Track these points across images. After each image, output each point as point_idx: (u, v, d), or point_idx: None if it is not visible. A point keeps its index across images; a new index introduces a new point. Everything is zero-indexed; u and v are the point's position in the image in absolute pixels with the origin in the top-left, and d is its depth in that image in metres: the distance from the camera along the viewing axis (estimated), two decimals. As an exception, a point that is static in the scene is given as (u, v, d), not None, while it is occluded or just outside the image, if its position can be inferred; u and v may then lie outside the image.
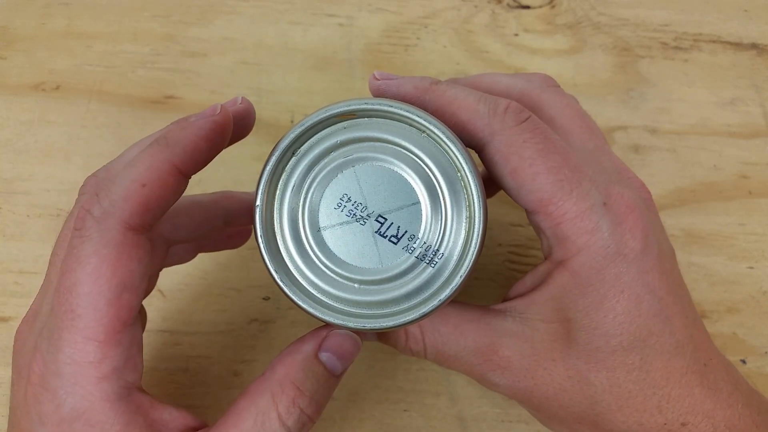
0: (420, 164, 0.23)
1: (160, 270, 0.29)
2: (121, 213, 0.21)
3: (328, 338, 0.24)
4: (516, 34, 0.46)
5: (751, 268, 0.37)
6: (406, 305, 0.22)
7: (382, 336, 0.27)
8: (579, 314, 0.24)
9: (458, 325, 0.25)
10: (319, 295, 0.23)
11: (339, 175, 0.23)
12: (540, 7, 0.47)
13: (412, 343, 0.26)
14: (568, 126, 0.27)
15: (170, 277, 0.35)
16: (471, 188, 0.22)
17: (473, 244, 0.22)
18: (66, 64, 0.43)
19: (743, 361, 0.34)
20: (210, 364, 0.33)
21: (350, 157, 0.23)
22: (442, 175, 0.23)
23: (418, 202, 0.23)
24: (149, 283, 0.27)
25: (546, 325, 0.25)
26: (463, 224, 0.22)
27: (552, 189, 0.23)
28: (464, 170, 0.22)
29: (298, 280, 0.23)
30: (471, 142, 0.25)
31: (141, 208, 0.22)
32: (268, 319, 0.34)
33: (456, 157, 0.23)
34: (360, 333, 0.25)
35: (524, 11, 0.47)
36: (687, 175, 0.40)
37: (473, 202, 0.22)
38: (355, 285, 0.23)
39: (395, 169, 0.23)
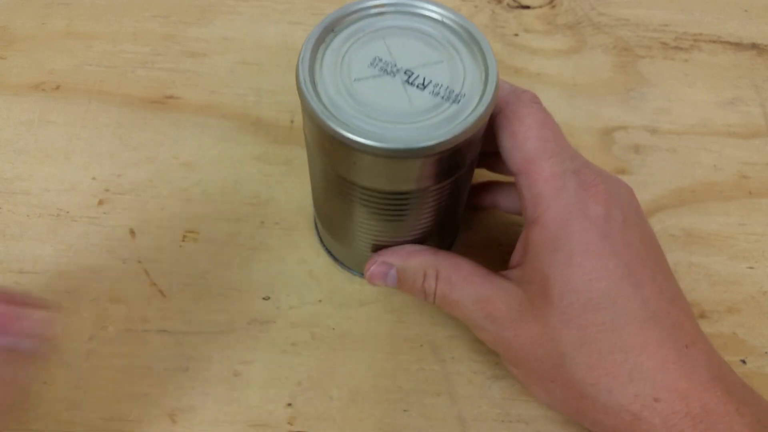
0: (441, 34, 0.28)
1: None
2: None
3: None
4: (516, 34, 0.46)
5: (752, 268, 0.37)
6: (437, 132, 0.25)
7: (403, 278, 0.30)
8: (552, 270, 0.26)
9: (467, 276, 0.29)
10: (357, 128, 0.25)
11: (371, 44, 0.27)
12: (540, 7, 0.47)
13: (427, 284, 0.29)
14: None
15: (170, 276, 0.35)
16: (482, 45, 0.27)
17: (490, 83, 0.26)
18: (66, 64, 0.43)
19: (743, 361, 0.34)
20: (210, 364, 0.33)
21: (380, 31, 0.27)
22: (459, 39, 0.27)
23: (442, 61, 0.27)
24: None
25: (529, 285, 0.27)
26: (480, 71, 0.26)
27: (536, 152, 0.27)
28: (475, 35, 0.27)
29: (336, 119, 0.25)
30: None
31: None
32: (268, 319, 0.34)
33: (467, 25, 0.27)
34: (385, 243, 0.31)
35: (524, 11, 0.47)
36: (687, 175, 0.40)
37: (485, 53, 0.27)
38: (389, 123, 0.25)
39: (420, 40, 0.27)
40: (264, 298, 0.35)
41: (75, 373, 0.33)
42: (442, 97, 0.26)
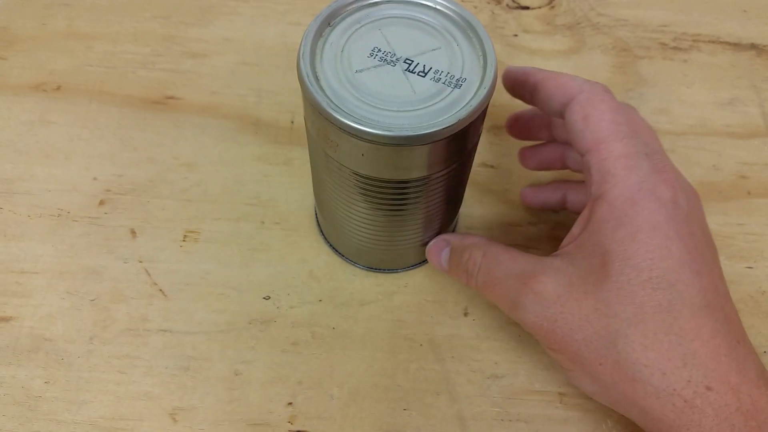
0: (436, 22, 0.28)
1: None
2: None
3: None
4: (515, 35, 0.46)
5: (750, 267, 0.37)
6: (442, 117, 0.25)
7: (455, 254, 0.31)
8: (614, 245, 0.25)
9: (515, 256, 0.29)
10: (364, 119, 0.25)
11: (368, 35, 0.27)
12: (539, 7, 0.47)
13: (472, 260, 0.30)
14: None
15: (171, 276, 0.36)
16: (478, 30, 0.27)
17: (489, 66, 0.26)
18: (67, 65, 0.43)
19: (742, 361, 0.34)
20: (211, 364, 0.33)
21: (376, 22, 0.28)
22: (455, 25, 0.28)
23: (440, 48, 0.27)
24: None
25: (586, 260, 0.26)
26: (478, 56, 0.27)
27: (608, 133, 0.27)
28: (470, 20, 0.28)
29: (342, 110, 0.25)
30: (560, 101, 0.29)
31: None
32: (269, 318, 0.35)
33: (461, 11, 0.28)
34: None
35: (524, 12, 0.47)
36: (686, 175, 0.40)
37: (482, 38, 0.27)
38: (394, 112, 0.25)
39: (416, 28, 0.28)
40: (264, 298, 0.35)
41: (76, 373, 0.33)
42: (444, 83, 0.26)
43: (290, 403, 0.32)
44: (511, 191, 0.39)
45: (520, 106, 0.33)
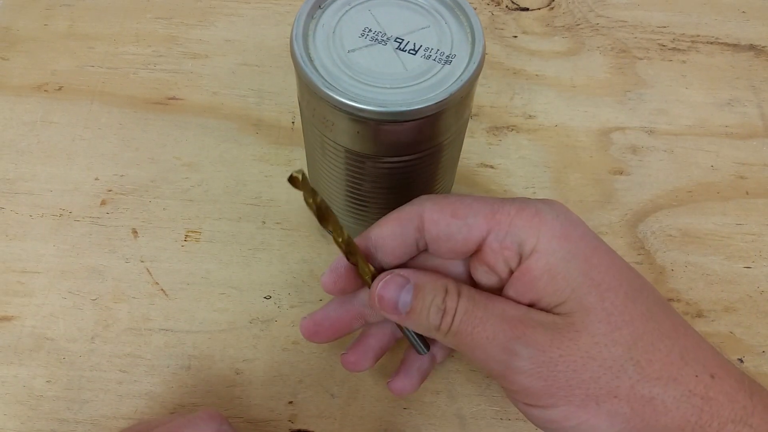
0: (424, 1, 0.29)
1: None
2: None
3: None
4: (515, 36, 0.46)
5: (749, 267, 0.37)
6: (436, 92, 0.26)
7: (419, 296, 0.26)
8: (578, 280, 0.25)
9: (492, 297, 0.26)
10: (358, 96, 0.26)
11: (359, 16, 0.28)
12: (539, 9, 0.48)
13: (448, 300, 0.25)
14: None
15: (172, 276, 0.36)
16: (465, 7, 0.28)
17: (477, 42, 0.27)
18: (68, 65, 0.43)
19: (740, 360, 0.34)
20: (212, 363, 0.33)
21: (366, 3, 0.28)
22: (442, 4, 0.28)
23: (428, 26, 0.28)
24: None
25: (560, 307, 0.25)
26: (466, 34, 0.28)
27: (484, 205, 0.26)
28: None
29: (337, 89, 0.26)
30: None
31: None
32: (270, 318, 0.35)
33: None
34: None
35: (523, 13, 0.47)
36: (684, 176, 0.40)
37: (468, 15, 0.28)
38: (388, 89, 0.26)
39: (405, 8, 0.28)
40: (265, 297, 0.35)
41: (78, 372, 0.33)
42: (434, 60, 0.27)
43: (291, 402, 0.32)
44: (511, 191, 0.39)
45: (520, 107, 0.33)
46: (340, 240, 0.26)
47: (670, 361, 0.24)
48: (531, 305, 0.25)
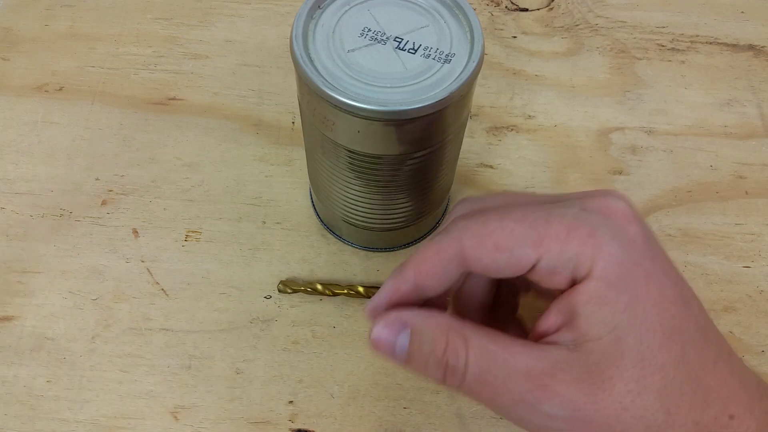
0: (423, 0, 0.29)
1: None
2: None
3: None
4: (514, 37, 0.46)
5: (748, 267, 0.37)
6: (435, 90, 0.26)
7: (416, 344, 0.24)
8: (623, 316, 0.23)
9: (508, 346, 0.23)
10: (359, 96, 0.26)
11: (358, 16, 0.28)
12: (538, 9, 0.48)
13: (451, 354, 0.23)
14: None
15: (173, 276, 0.36)
16: (463, 6, 0.28)
17: (476, 41, 0.27)
18: (69, 66, 0.44)
19: (739, 360, 0.34)
20: (212, 363, 0.33)
21: (365, 3, 0.29)
22: (441, 3, 0.29)
23: (427, 25, 0.28)
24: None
25: (596, 343, 0.23)
26: (465, 33, 0.28)
27: (530, 230, 0.23)
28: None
29: (337, 89, 0.26)
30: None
31: None
32: (270, 317, 0.35)
33: None
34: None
35: (522, 14, 0.48)
36: (684, 176, 0.40)
37: (467, 13, 0.28)
38: (388, 88, 0.26)
39: (403, 7, 0.28)
40: (265, 297, 0.35)
41: (78, 372, 0.33)
42: (434, 59, 0.27)
43: (291, 402, 0.33)
44: (511, 191, 0.40)
45: (520, 107, 0.33)
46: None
47: (694, 405, 0.23)
48: (565, 324, 0.24)
